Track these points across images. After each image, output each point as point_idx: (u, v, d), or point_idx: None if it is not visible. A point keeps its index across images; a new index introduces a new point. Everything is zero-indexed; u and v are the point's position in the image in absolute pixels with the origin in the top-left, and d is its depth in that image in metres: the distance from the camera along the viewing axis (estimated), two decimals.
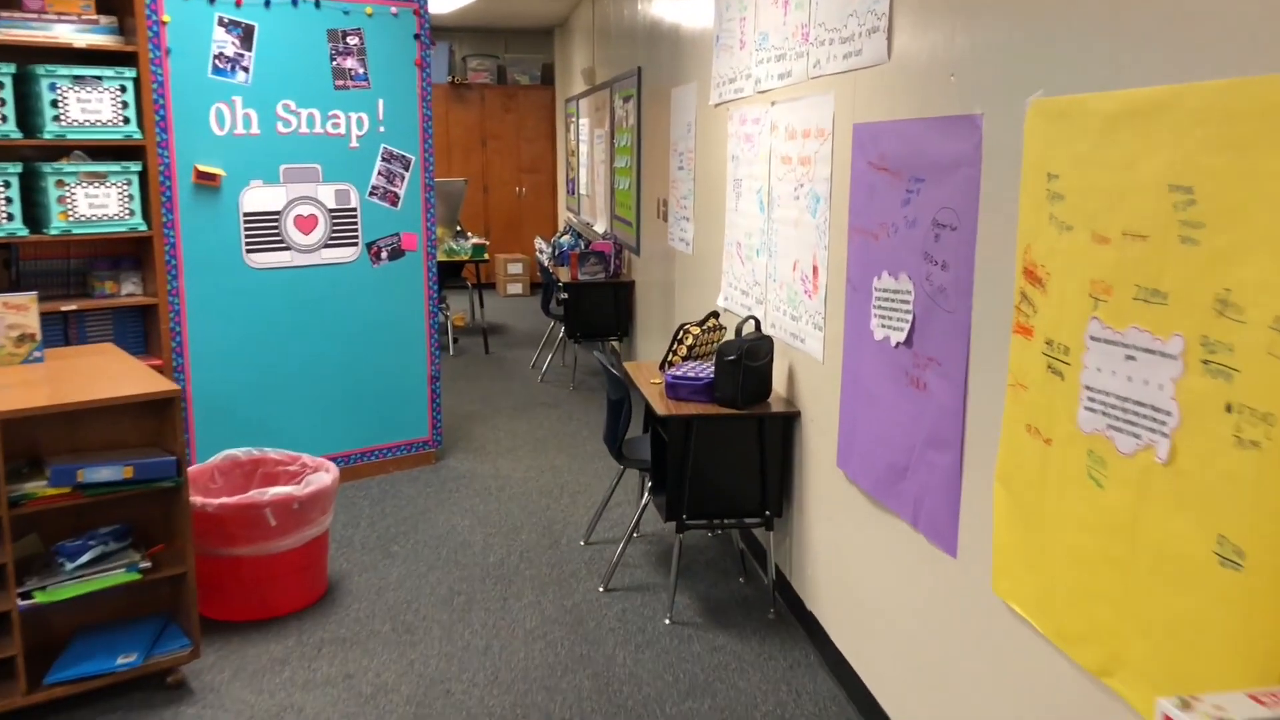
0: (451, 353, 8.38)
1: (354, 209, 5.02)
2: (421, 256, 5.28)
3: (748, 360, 3.49)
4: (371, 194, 5.06)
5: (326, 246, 4.95)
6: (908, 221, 2.61)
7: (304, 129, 4.81)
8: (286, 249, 4.84)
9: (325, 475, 3.74)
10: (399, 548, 4.33)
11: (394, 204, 5.14)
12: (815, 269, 3.34)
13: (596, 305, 7.13)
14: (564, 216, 12.17)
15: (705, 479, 3.57)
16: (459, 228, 9.09)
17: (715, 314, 4.02)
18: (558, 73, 12.05)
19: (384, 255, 5.14)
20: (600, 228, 8.65)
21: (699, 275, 5.12)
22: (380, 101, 5.02)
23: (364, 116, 4.98)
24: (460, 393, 7.05)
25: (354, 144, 4.97)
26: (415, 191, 5.19)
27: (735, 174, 4.33)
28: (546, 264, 10.96)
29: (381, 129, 5.04)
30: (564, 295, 7.09)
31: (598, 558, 4.20)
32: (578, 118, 10.41)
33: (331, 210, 4.95)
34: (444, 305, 8.50)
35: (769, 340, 3.62)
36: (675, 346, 3.91)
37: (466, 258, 8.31)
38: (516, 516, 4.69)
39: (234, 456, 3.99)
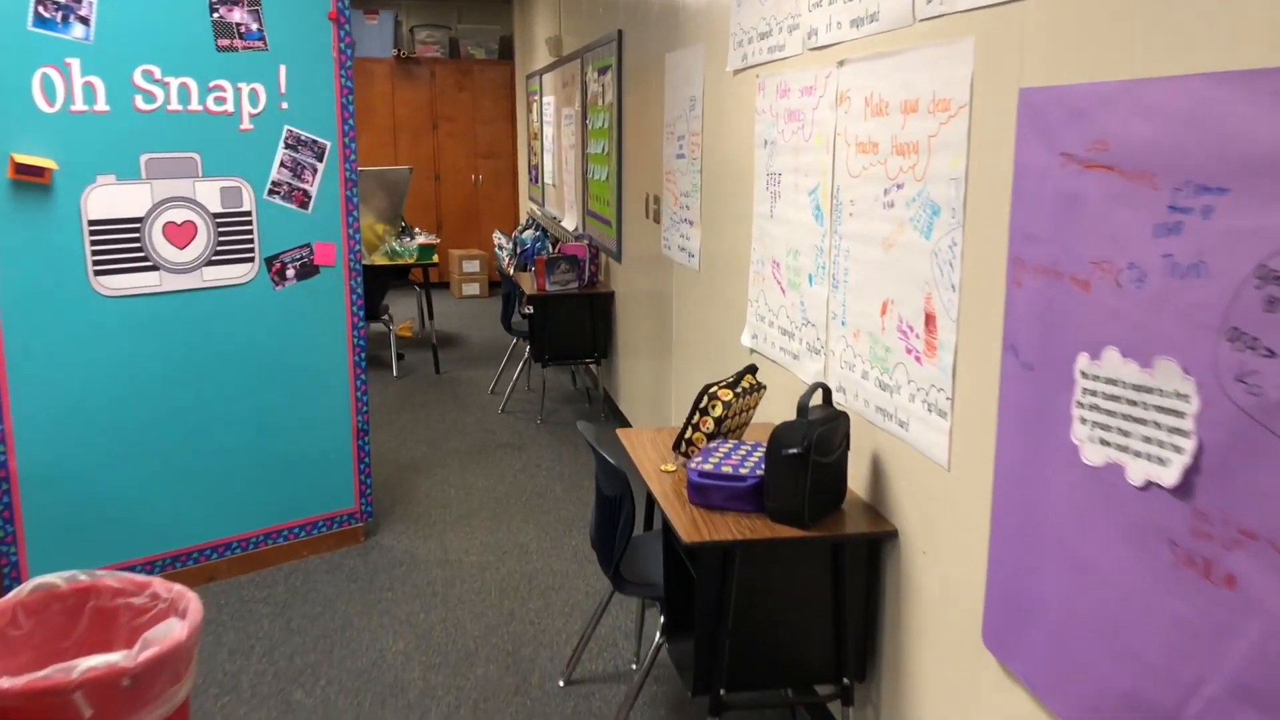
0: (394, 373, 7.10)
1: (247, 213, 3.74)
2: (342, 273, 4.01)
3: (818, 456, 2.28)
4: (272, 192, 3.79)
5: (210, 264, 3.68)
6: (1177, 265, 1.42)
7: (174, 105, 3.52)
8: (153, 269, 3.56)
9: (178, 625, 2.49)
10: (304, 694, 3.08)
11: (303, 205, 3.87)
12: (930, 318, 2.14)
13: (568, 321, 5.90)
14: (526, 208, 10.88)
15: (753, 631, 2.37)
16: (403, 224, 7.79)
17: (752, 369, 2.80)
18: (518, 45, 10.74)
19: (290, 274, 3.87)
20: (570, 224, 7.39)
21: (709, 298, 3.91)
22: (282, 69, 3.74)
23: (259, 89, 3.70)
24: (402, 431, 5.79)
25: (246, 125, 3.69)
26: (333, 188, 3.92)
27: (770, 165, 3.11)
28: (506, 266, 9.67)
29: (284, 106, 3.76)
30: (528, 310, 5.85)
31: (583, 711, 2.99)
32: (541, 96, 9.12)
33: (216, 215, 3.67)
34: (387, 317, 7.22)
35: (844, 420, 2.41)
36: (697, 419, 2.69)
37: (411, 260, 7.03)
38: (469, 634, 3.46)
39: (50, 586, 2.71)
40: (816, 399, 2.43)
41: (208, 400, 3.74)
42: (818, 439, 2.27)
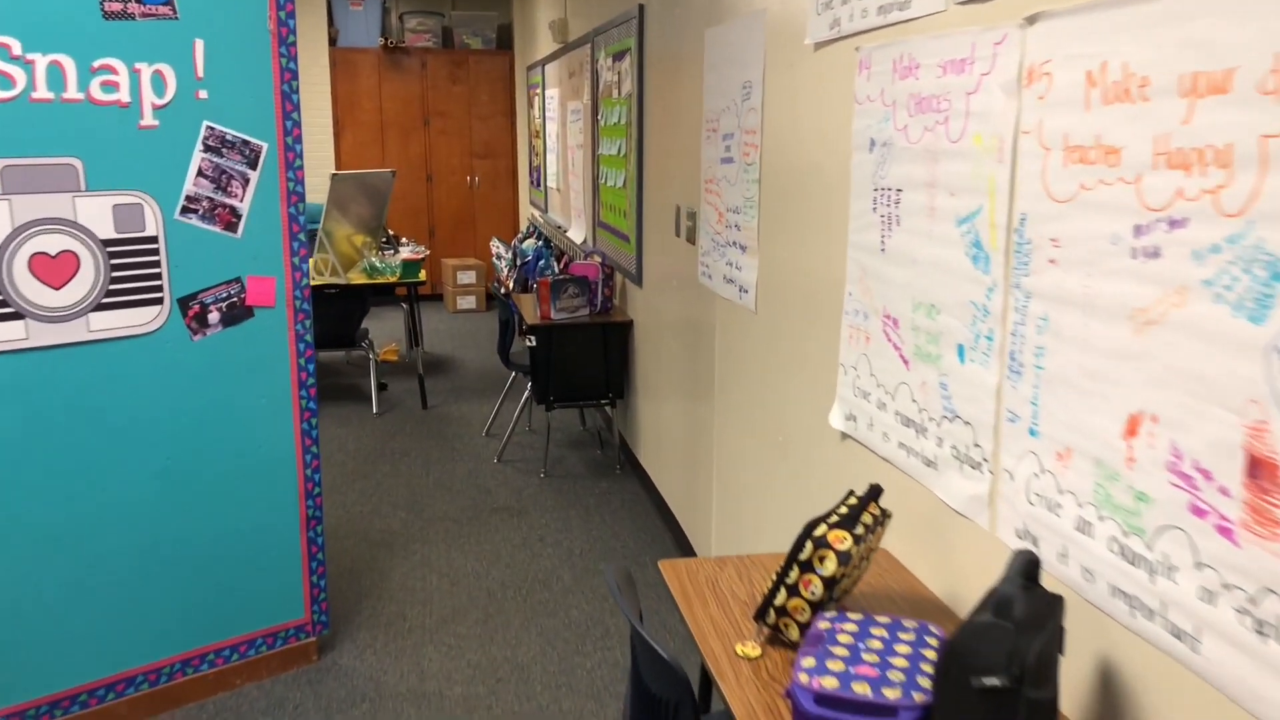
0: (374, 408, 6.13)
1: (152, 239, 2.78)
2: (285, 315, 3.04)
3: (1033, 690, 1.32)
4: (187, 211, 2.82)
5: (100, 309, 2.71)
6: None
7: (41, 92, 2.56)
8: (15, 316, 2.59)
9: None
10: None
11: (230, 227, 2.90)
12: (1261, 465, 1.17)
13: (577, 356, 4.93)
14: (527, 214, 9.91)
15: None
16: (386, 235, 6.81)
17: (875, 494, 1.83)
18: (517, 33, 9.76)
19: (213, 318, 2.91)
20: (577, 235, 6.42)
21: (771, 350, 2.94)
22: (198, 45, 2.77)
23: (166, 71, 2.73)
24: (377, 489, 4.82)
25: (148, 121, 2.73)
26: (270, 205, 2.96)
27: (880, 176, 2.15)
28: (504, 279, 8.71)
29: (202, 94, 2.80)
30: (530, 341, 4.88)
31: None
32: (543, 89, 8.15)
33: (108, 243, 2.71)
34: (366, 343, 6.25)
35: (1060, 611, 1.44)
36: (796, 577, 1.72)
37: (393, 279, 6.06)
38: None
39: None
40: (1011, 578, 1.45)
41: (99, 490, 2.77)
42: (1035, 665, 1.31)
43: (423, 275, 6.19)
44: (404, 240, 7.55)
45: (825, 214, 2.47)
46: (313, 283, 5.94)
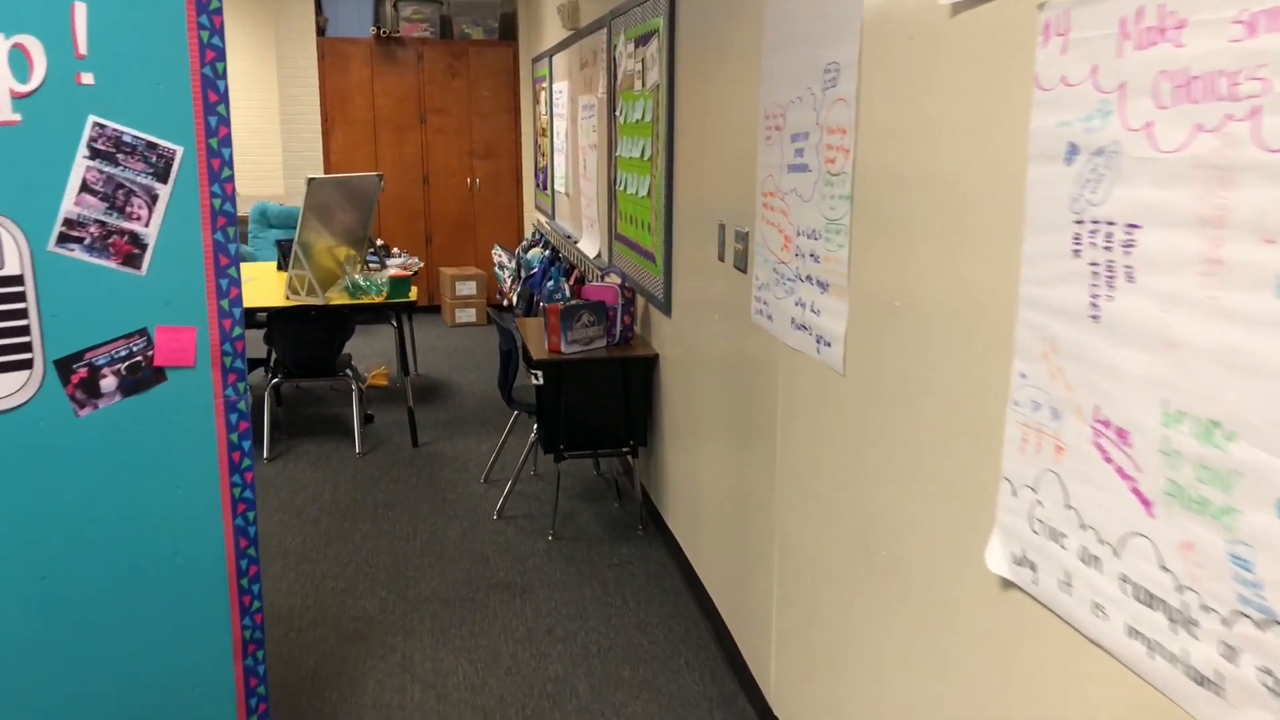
0: (357, 447, 5.35)
1: (13, 278, 2.01)
2: (209, 377, 2.27)
3: None
4: (67, 240, 2.06)
5: None
6: None
7: None
8: None
9: None
10: None
11: (130, 261, 2.13)
12: None
13: (593, 396, 4.16)
14: (532, 219, 9.14)
15: None
16: (373, 246, 6.03)
17: None
18: (522, 22, 8.98)
19: (107, 385, 2.14)
20: (590, 248, 5.64)
21: (871, 434, 2.15)
22: (78, 9, 2.00)
23: (30, 45, 1.96)
24: (354, 557, 4.05)
25: (6, 115, 1.96)
26: (188, 230, 2.19)
27: (1088, 205, 1.37)
28: (505, 296, 7.94)
29: (85, 78, 2.03)
30: (537, 379, 4.11)
31: None
32: (551, 82, 7.37)
33: None
34: (349, 371, 5.47)
35: None
36: None
37: (379, 299, 5.28)
38: None
39: None
40: None
41: None
42: None
43: (413, 294, 5.41)
44: (395, 251, 6.77)
45: (970, 250, 1.69)
46: (288, 303, 5.17)
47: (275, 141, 9.19)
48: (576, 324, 4.10)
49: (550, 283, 6.36)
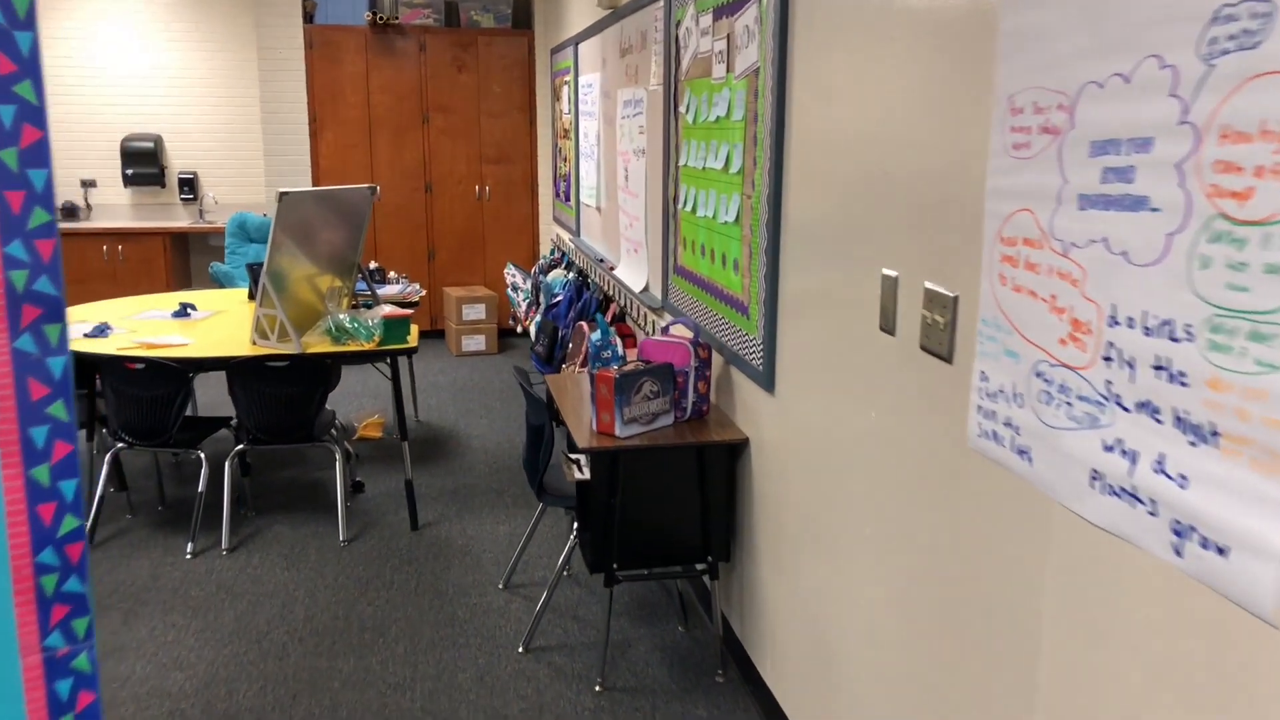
0: (342, 534, 4.22)
1: None
2: None
3: None
4: None
5: None
6: None
7: None
8: None
9: None
10: None
11: None
12: None
13: (658, 494, 3.04)
14: (549, 233, 8.03)
15: None
16: (364, 272, 4.92)
17: None
18: (538, 8, 7.87)
19: None
20: (633, 279, 4.52)
21: None
22: None
23: None
24: (330, 712, 2.93)
25: None
26: None
27: None
28: (520, 323, 6.83)
29: None
30: (581, 472, 2.99)
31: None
32: (575, 75, 6.26)
33: None
34: (333, 433, 4.35)
35: None
36: None
37: (370, 345, 4.16)
38: None
39: None
40: None
41: None
42: None
43: (413, 337, 4.28)
44: (391, 276, 5.65)
45: None
46: (253, 351, 4.05)
47: (257, 143, 8.08)
48: (636, 395, 2.98)
49: (577, 314, 5.25)
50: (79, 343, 4.14)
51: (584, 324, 4.70)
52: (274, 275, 4.08)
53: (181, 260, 8.03)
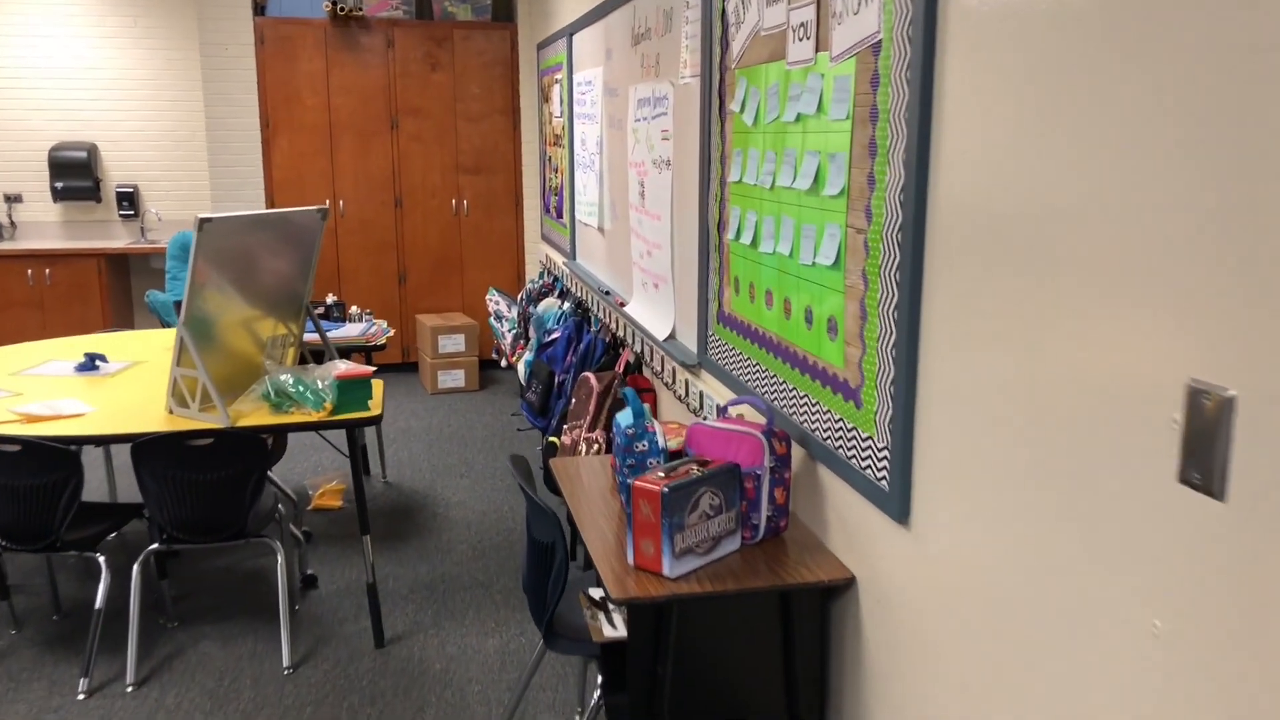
0: (286, 658, 3.27)
1: None
2: None
3: None
4: None
5: None
6: None
7: None
8: None
9: None
10: None
11: None
12: None
13: (722, 654, 2.11)
14: (537, 251, 7.11)
15: None
16: (311, 314, 3.97)
17: None
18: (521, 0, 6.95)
19: None
20: (654, 322, 3.61)
21: None
22: None
23: None
24: None
25: None
26: None
27: None
28: (505, 357, 5.91)
29: None
30: (615, 628, 2.06)
31: None
32: (569, 72, 5.35)
33: None
34: (274, 526, 3.40)
35: None
36: None
37: (319, 415, 3.21)
38: None
39: None
40: None
41: None
42: None
43: (375, 403, 3.33)
44: (354, 312, 4.71)
45: None
46: (169, 425, 3.11)
47: (202, 152, 7.12)
48: (692, 515, 2.07)
49: (579, 359, 4.33)
50: None
51: (591, 376, 3.78)
52: (196, 324, 3.13)
53: (120, 285, 7.04)
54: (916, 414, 1.80)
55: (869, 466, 1.97)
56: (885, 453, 1.89)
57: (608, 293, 4.39)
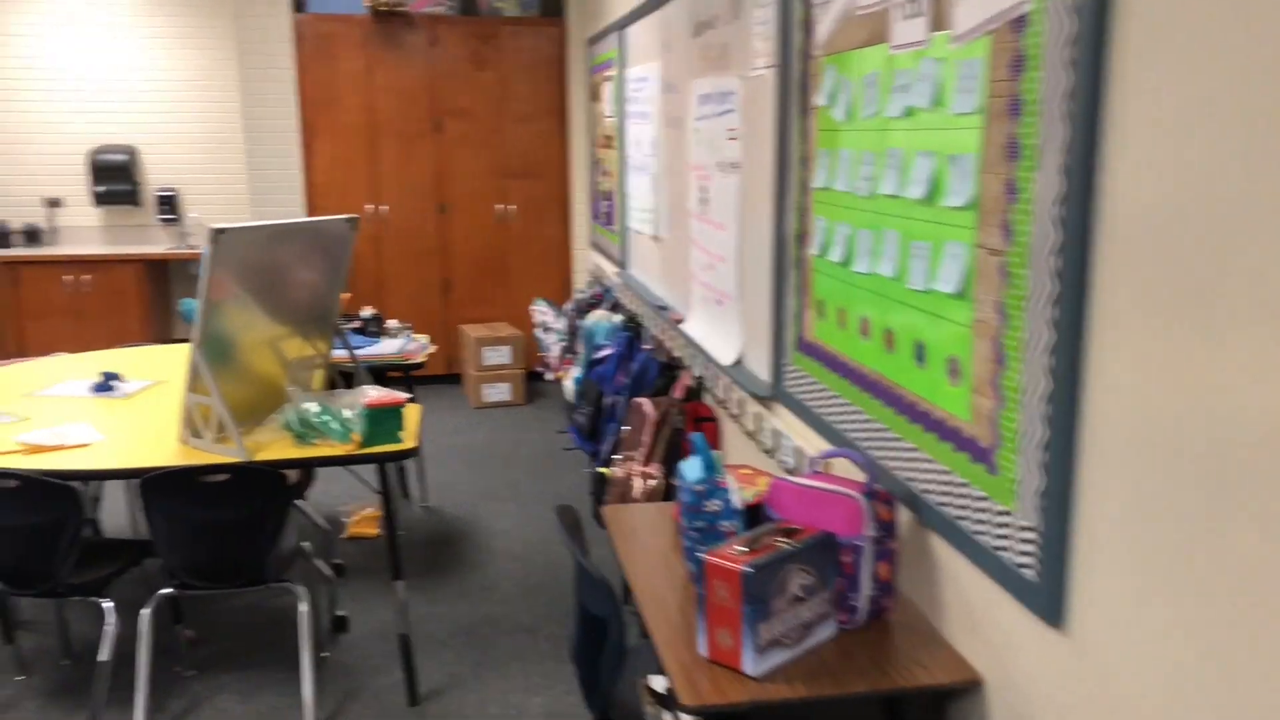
0: (309, 714, 2.94)
1: None
2: None
3: None
4: None
5: None
6: None
7: None
8: None
9: None
10: None
11: None
12: None
13: None
14: (585, 260, 6.76)
15: None
16: (340, 332, 3.66)
17: None
18: None
19: None
20: (718, 346, 3.24)
21: None
22: None
23: None
24: None
25: None
26: None
27: None
28: (552, 370, 5.58)
29: None
30: None
31: None
32: (621, 68, 4.99)
33: None
34: (292, 560, 3.08)
35: None
36: None
37: (346, 448, 2.88)
38: None
39: None
40: None
41: None
42: None
43: (409, 435, 2.99)
44: (392, 325, 4.39)
45: None
46: (182, 457, 2.80)
47: (242, 155, 6.87)
48: (778, 599, 1.69)
49: (632, 380, 3.96)
50: None
51: (645, 403, 3.41)
52: (212, 345, 2.82)
53: (159, 291, 6.82)
54: (1078, 488, 1.40)
55: (1005, 548, 1.58)
56: (1031, 534, 1.50)
57: (663, 308, 4.03)
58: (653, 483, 3.20)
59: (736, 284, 3.03)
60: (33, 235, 6.78)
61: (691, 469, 2.02)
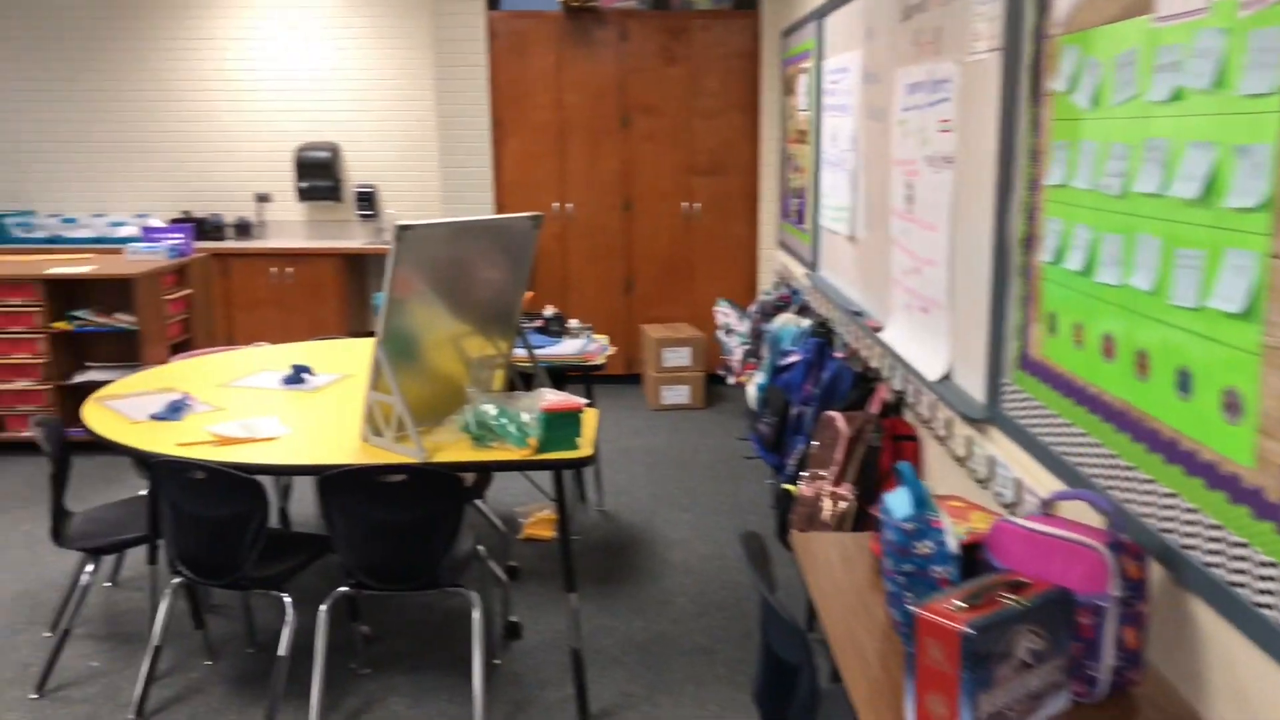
0: None
1: None
2: None
3: None
4: None
5: None
6: None
7: None
8: None
9: None
10: None
11: None
12: None
13: None
14: (771, 260, 6.53)
15: None
16: (528, 323, 3.57)
17: None
18: None
19: None
20: (923, 359, 2.96)
21: None
22: None
23: None
24: None
25: None
26: None
27: None
28: (734, 374, 5.39)
29: None
30: None
31: None
32: (818, 59, 4.74)
33: None
34: (466, 565, 3.02)
35: None
36: None
37: (522, 453, 2.77)
38: None
39: None
40: None
41: None
42: None
43: (586, 442, 2.86)
44: (574, 325, 4.31)
45: None
46: (362, 455, 2.77)
47: (434, 153, 7.00)
48: (1003, 665, 1.44)
49: (823, 390, 3.72)
50: (132, 431, 2.98)
51: (838, 417, 3.17)
52: (396, 342, 2.78)
53: (356, 285, 7.04)
54: None
55: None
56: None
57: (858, 313, 3.76)
58: (844, 505, 2.96)
59: (947, 290, 2.75)
60: (243, 229, 7.12)
61: (899, 504, 1.78)
